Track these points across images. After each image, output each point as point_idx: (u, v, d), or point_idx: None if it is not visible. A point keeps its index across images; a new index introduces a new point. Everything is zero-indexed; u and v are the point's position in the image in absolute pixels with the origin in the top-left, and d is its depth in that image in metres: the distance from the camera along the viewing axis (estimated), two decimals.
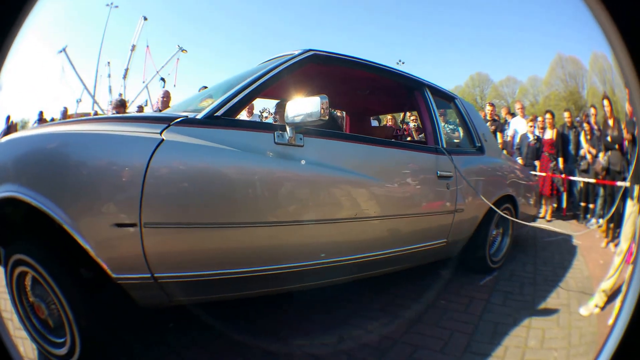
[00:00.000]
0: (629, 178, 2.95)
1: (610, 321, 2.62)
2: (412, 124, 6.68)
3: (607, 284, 3.02)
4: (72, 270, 1.88)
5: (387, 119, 8.04)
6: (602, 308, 2.98)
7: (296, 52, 2.56)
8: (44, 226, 1.86)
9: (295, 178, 2.16)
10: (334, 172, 2.33)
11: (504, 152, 7.01)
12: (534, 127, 7.02)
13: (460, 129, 4.29)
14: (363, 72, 3.23)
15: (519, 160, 7.02)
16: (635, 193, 2.91)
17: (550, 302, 3.18)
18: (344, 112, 5.04)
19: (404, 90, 3.67)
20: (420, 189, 2.91)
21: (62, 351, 1.93)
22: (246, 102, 2.23)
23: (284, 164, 2.12)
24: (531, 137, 6.91)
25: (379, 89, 3.99)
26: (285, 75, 2.43)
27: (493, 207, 3.44)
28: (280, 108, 3.27)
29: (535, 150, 6.69)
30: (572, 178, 6.61)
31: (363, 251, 2.58)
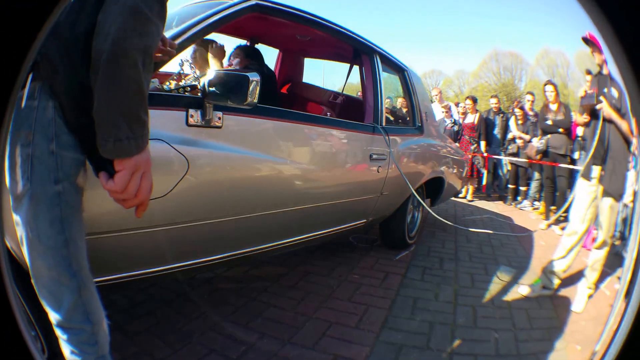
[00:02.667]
0: (588, 159, 2.89)
1: (580, 309, 2.76)
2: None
3: (557, 266, 3.05)
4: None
5: None
6: (555, 291, 3.07)
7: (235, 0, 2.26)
8: None
9: (211, 170, 1.93)
10: (259, 159, 2.14)
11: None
12: (450, 112, 7.42)
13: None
14: (308, 27, 3.04)
15: None
16: (596, 174, 2.90)
17: (479, 279, 3.29)
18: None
19: (351, 51, 3.54)
20: (351, 173, 2.86)
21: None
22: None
23: (196, 153, 1.81)
24: (448, 122, 7.23)
25: (323, 42, 3.81)
26: (217, 28, 2.14)
27: (422, 201, 3.59)
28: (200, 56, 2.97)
29: (454, 134, 6.98)
30: (496, 157, 7.04)
31: (281, 238, 2.52)
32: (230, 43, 3.50)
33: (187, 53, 2.08)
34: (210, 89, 1.75)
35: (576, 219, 2.99)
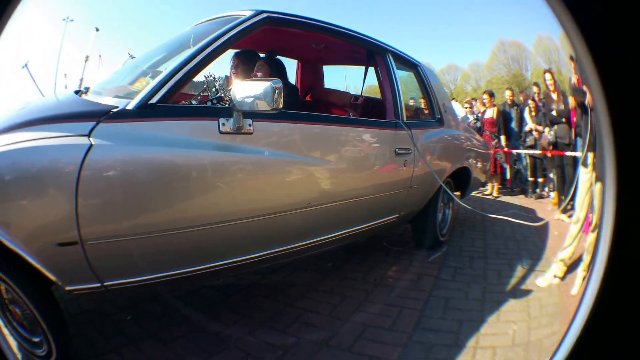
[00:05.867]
0: (583, 146, 3.02)
1: (575, 291, 2.80)
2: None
3: (564, 254, 3.16)
4: (36, 282, 1.82)
5: None
6: (562, 278, 3.13)
7: (245, 14, 2.38)
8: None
9: (246, 173, 2.10)
10: (290, 161, 2.29)
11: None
12: (472, 107, 7.45)
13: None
14: (321, 35, 3.14)
15: None
16: (590, 160, 3.00)
17: (504, 274, 3.34)
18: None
19: (365, 54, 3.65)
20: (377, 169, 2.94)
21: (42, 352, 1.94)
22: (186, 81, 2.06)
23: (231, 158, 2.03)
24: (471, 118, 7.23)
25: (337, 48, 3.93)
26: (233, 44, 2.28)
27: (448, 191, 3.62)
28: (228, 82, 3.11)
29: (477, 130, 6.93)
30: (514, 151, 7.04)
31: (314, 236, 2.61)
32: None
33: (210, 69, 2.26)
34: (238, 98, 1.91)
35: (578, 206, 3.12)
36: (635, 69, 0.72)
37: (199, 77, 2.25)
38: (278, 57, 3.81)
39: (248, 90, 1.91)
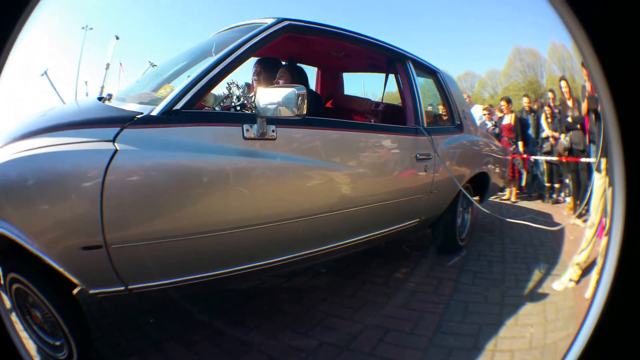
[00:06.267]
0: (596, 152, 3.03)
1: (589, 294, 2.76)
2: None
3: (580, 258, 3.16)
4: (59, 286, 1.85)
5: None
6: (577, 282, 3.12)
7: (267, 22, 2.39)
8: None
9: (270, 178, 2.12)
10: (313, 166, 2.31)
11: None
12: (492, 114, 7.35)
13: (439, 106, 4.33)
14: (341, 42, 3.16)
15: None
16: (603, 166, 2.99)
17: (522, 278, 3.33)
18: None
19: (385, 61, 3.66)
20: (399, 174, 2.95)
21: (62, 355, 1.95)
22: (210, 87, 2.08)
23: (255, 163, 2.05)
24: (489, 124, 7.17)
25: (357, 55, 3.95)
26: (255, 52, 2.30)
27: (468, 196, 3.60)
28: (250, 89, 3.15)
29: (495, 136, 6.91)
30: (532, 157, 7.04)
31: (337, 240, 2.63)
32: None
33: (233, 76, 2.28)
34: (262, 104, 1.91)
35: (592, 210, 3.12)
36: None
37: (221, 85, 2.28)
38: (298, 64, 3.84)
39: (272, 96, 1.91)
